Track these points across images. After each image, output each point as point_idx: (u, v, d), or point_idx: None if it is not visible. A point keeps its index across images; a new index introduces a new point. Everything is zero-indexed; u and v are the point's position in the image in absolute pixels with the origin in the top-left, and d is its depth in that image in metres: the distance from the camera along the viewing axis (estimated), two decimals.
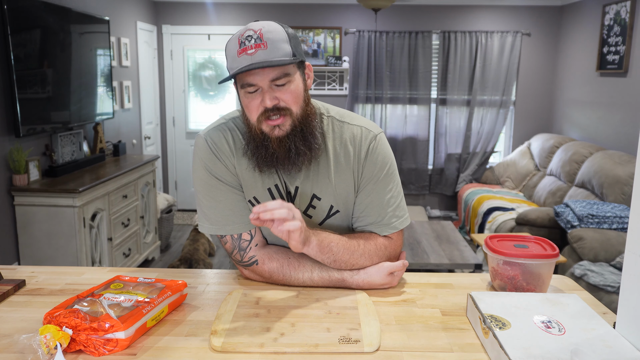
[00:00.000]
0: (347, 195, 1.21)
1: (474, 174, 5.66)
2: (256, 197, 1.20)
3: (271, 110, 1.08)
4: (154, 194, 4.31)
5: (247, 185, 1.20)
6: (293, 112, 1.11)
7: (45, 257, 3.09)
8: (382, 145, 1.21)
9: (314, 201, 1.20)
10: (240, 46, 1.06)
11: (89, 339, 0.91)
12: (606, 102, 4.50)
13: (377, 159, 1.20)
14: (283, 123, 1.10)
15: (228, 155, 1.19)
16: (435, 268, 3.05)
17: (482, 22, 5.44)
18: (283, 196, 1.20)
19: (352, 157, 1.20)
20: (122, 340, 0.92)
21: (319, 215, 1.22)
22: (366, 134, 1.20)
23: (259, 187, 1.20)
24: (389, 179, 1.21)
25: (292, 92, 1.09)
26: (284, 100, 1.09)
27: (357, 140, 1.20)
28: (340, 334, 0.97)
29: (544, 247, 1.18)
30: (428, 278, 1.28)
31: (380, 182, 1.20)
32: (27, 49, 3.09)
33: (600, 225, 3.32)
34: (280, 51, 1.06)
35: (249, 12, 5.45)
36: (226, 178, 1.19)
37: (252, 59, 1.05)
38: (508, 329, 0.91)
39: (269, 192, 1.20)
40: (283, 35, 1.08)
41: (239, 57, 1.06)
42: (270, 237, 1.25)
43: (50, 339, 0.87)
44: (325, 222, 1.23)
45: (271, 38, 1.06)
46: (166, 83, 5.62)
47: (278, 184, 1.19)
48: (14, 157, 3.03)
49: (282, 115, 1.09)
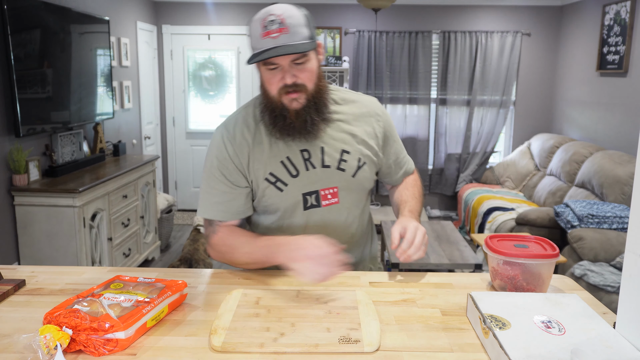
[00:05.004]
0: (369, 149, 1.37)
1: (474, 174, 5.66)
2: (272, 173, 1.30)
3: (290, 86, 1.21)
4: (154, 194, 4.31)
5: (263, 164, 1.30)
6: (308, 88, 1.24)
7: (45, 257, 3.09)
8: (383, 108, 1.46)
9: (344, 155, 1.32)
10: (263, 29, 1.18)
11: (89, 339, 0.90)
12: (606, 102, 4.50)
13: (388, 118, 1.43)
14: (299, 97, 1.23)
15: (241, 144, 1.30)
16: (435, 268, 3.05)
17: (482, 22, 5.44)
18: (296, 166, 1.30)
19: (369, 120, 1.38)
20: (122, 340, 0.92)
21: (351, 167, 1.33)
22: (373, 100, 1.43)
23: (273, 163, 1.30)
24: (396, 134, 1.48)
25: (309, 71, 1.22)
26: (301, 78, 1.22)
27: (368, 106, 1.40)
28: (340, 334, 0.97)
29: (544, 247, 1.18)
30: (428, 278, 1.28)
31: (395, 136, 1.45)
32: (27, 49, 3.09)
33: (600, 225, 3.32)
34: (300, 35, 1.18)
35: (249, 12, 5.45)
36: (229, 176, 1.31)
37: (275, 42, 1.16)
38: (508, 329, 0.91)
39: (282, 165, 1.30)
40: (302, 19, 1.20)
41: (262, 39, 1.18)
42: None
43: (50, 339, 0.87)
44: (357, 174, 1.34)
45: (292, 23, 1.18)
46: (166, 83, 5.62)
47: (290, 155, 1.30)
48: (14, 157, 3.03)
49: (298, 91, 1.22)
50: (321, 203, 1.32)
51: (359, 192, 1.37)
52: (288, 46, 1.16)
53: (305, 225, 1.34)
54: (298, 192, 1.31)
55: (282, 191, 1.30)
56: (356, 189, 1.36)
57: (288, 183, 1.30)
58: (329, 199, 1.32)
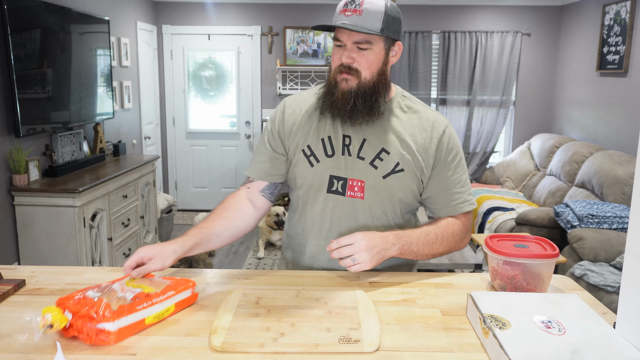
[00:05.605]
0: (413, 159, 1.31)
1: (474, 174, 5.66)
2: (310, 146, 1.34)
3: (345, 66, 1.25)
4: (154, 194, 4.31)
5: (305, 136, 1.35)
6: (362, 75, 1.26)
7: (45, 257, 3.09)
8: (454, 133, 1.36)
9: (382, 154, 1.30)
10: (344, 6, 1.23)
11: (85, 326, 0.92)
12: (606, 102, 4.50)
13: (452, 142, 1.33)
14: (351, 80, 1.26)
15: (294, 113, 1.37)
16: (435, 268, 3.05)
17: (482, 22, 5.44)
18: (333, 147, 1.32)
19: (425, 133, 1.32)
20: (112, 332, 0.92)
21: (385, 168, 1.30)
22: (440, 119, 1.35)
23: (314, 138, 1.33)
24: (458, 163, 1.35)
25: (368, 59, 1.25)
26: (359, 62, 1.25)
27: (431, 120, 1.34)
28: (340, 334, 0.97)
29: (544, 247, 1.18)
30: (428, 278, 1.28)
31: (453, 165, 1.34)
32: (27, 49, 3.09)
33: (600, 225, 3.32)
34: (369, 22, 1.21)
35: (249, 12, 5.45)
36: (271, 139, 1.40)
37: (344, 20, 1.22)
38: (508, 329, 0.91)
39: (321, 142, 1.33)
40: (380, 10, 1.22)
41: (339, 15, 1.24)
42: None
43: (48, 319, 0.90)
44: (389, 176, 1.30)
45: (368, 9, 1.21)
46: (166, 83, 5.62)
47: (332, 135, 1.32)
48: (14, 157, 3.03)
49: (352, 75, 1.25)
50: (346, 192, 1.31)
51: (388, 198, 1.31)
52: (349, 24, 1.20)
53: (326, 208, 1.33)
54: (327, 172, 1.32)
55: (312, 166, 1.33)
56: (384, 193, 1.31)
57: (320, 160, 1.32)
58: (355, 191, 1.31)
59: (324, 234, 1.35)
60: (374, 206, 1.32)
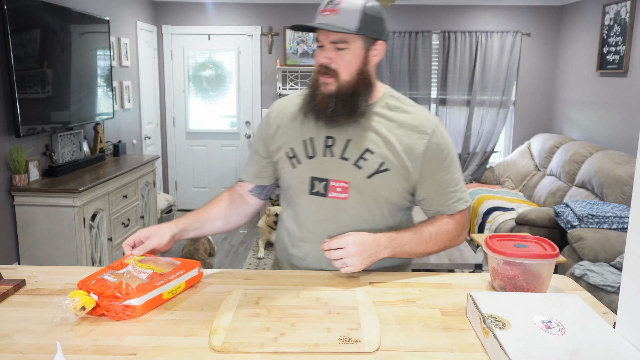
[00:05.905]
0: (398, 159, 1.28)
1: (474, 174, 5.66)
2: (293, 148, 1.34)
3: (324, 66, 1.24)
4: (154, 194, 4.31)
5: (288, 139, 1.35)
6: (341, 77, 1.24)
7: (45, 257, 3.09)
8: (444, 132, 1.34)
9: (366, 154, 1.29)
10: (324, 7, 1.23)
11: (111, 305, 1.03)
12: (606, 102, 4.50)
13: (441, 143, 1.31)
14: (330, 83, 1.25)
15: (278, 116, 1.38)
16: (435, 268, 3.05)
17: (482, 22, 5.44)
18: (315, 148, 1.32)
19: (411, 133, 1.29)
20: (138, 306, 1.04)
21: (369, 168, 1.29)
22: (429, 119, 1.32)
23: (297, 140, 1.34)
24: (451, 162, 1.33)
25: (345, 59, 1.23)
26: (336, 63, 1.24)
27: (419, 120, 1.31)
28: (340, 334, 0.97)
29: (544, 247, 1.18)
30: (428, 278, 1.28)
31: (442, 165, 1.31)
32: (27, 49, 3.09)
33: (600, 225, 3.32)
34: (345, 21, 1.20)
35: (249, 12, 5.45)
36: (257, 143, 1.43)
37: (322, 20, 1.22)
38: (508, 329, 0.91)
39: (303, 144, 1.33)
40: (357, 9, 1.21)
41: (317, 15, 1.24)
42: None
43: (78, 302, 1.01)
44: (373, 176, 1.29)
45: (345, 8, 1.20)
46: (166, 83, 5.62)
47: (314, 137, 1.32)
48: (14, 157, 3.03)
49: (330, 76, 1.24)
50: (328, 193, 1.30)
51: (373, 198, 1.30)
52: (323, 24, 1.19)
53: (309, 210, 1.34)
54: (308, 174, 1.32)
55: (294, 168, 1.33)
56: (369, 193, 1.29)
57: (302, 162, 1.32)
58: (337, 192, 1.30)
59: (309, 236, 1.35)
60: (358, 206, 1.31)
